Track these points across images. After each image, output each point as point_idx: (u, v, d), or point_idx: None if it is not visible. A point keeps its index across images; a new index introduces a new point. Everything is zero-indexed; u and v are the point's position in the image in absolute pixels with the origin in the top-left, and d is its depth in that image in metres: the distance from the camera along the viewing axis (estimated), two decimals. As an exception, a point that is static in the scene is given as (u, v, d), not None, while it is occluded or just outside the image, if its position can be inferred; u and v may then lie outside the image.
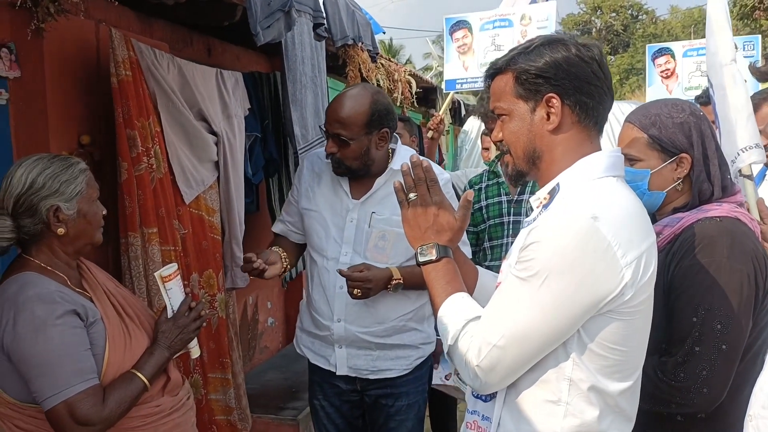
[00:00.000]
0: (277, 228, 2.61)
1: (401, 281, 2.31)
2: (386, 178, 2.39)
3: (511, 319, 1.30)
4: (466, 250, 2.53)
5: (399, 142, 2.51)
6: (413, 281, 2.32)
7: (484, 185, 3.61)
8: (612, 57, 34.44)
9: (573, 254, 1.26)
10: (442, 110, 5.25)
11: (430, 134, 4.64)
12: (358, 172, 2.36)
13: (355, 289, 2.26)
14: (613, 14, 38.48)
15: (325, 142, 2.35)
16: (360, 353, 2.41)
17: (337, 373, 2.44)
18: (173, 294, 1.95)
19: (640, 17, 39.51)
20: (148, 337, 1.90)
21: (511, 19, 5.03)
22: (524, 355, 1.31)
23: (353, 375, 2.44)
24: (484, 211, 3.55)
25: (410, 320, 2.43)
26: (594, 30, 39.11)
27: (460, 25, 5.24)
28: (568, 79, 1.37)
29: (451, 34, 5.29)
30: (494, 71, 1.47)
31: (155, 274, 1.97)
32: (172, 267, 1.97)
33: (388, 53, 24.70)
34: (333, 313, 2.39)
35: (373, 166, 2.38)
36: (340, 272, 2.28)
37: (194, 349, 2.01)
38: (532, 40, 1.45)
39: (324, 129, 2.35)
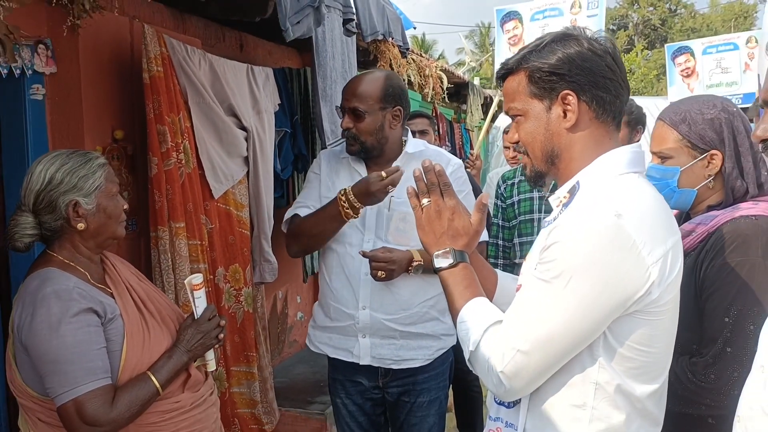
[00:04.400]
0: (302, 212, 2.52)
1: (422, 263, 2.34)
2: (402, 162, 2.43)
3: (535, 322, 1.28)
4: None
5: (410, 135, 2.54)
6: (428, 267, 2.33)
7: (516, 180, 3.61)
8: (649, 52, 33.83)
9: (597, 253, 1.24)
10: (478, 144, 5.21)
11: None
12: (371, 151, 2.40)
13: (379, 271, 2.29)
14: (651, 8, 37.76)
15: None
16: (384, 342, 2.43)
17: (361, 363, 2.45)
18: (200, 303, 1.97)
19: (678, 11, 38.72)
20: (170, 335, 1.91)
21: (560, 7, 5.00)
22: (549, 359, 1.29)
23: (376, 365, 2.45)
24: (516, 206, 3.54)
25: (432, 308, 2.44)
26: (631, 24, 38.46)
27: (511, 16, 5.23)
28: (583, 75, 1.34)
29: (502, 25, 5.27)
30: (506, 72, 1.44)
31: (185, 281, 1.99)
32: (200, 277, 1.99)
33: (421, 48, 24.63)
34: (358, 301, 2.41)
35: (387, 148, 2.43)
36: (363, 254, 2.32)
37: (211, 362, 2.02)
38: (542, 37, 1.42)
39: (341, 106, 2.41)
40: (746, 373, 1.60)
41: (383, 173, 2.24)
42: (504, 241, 3.65)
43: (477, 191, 3.18)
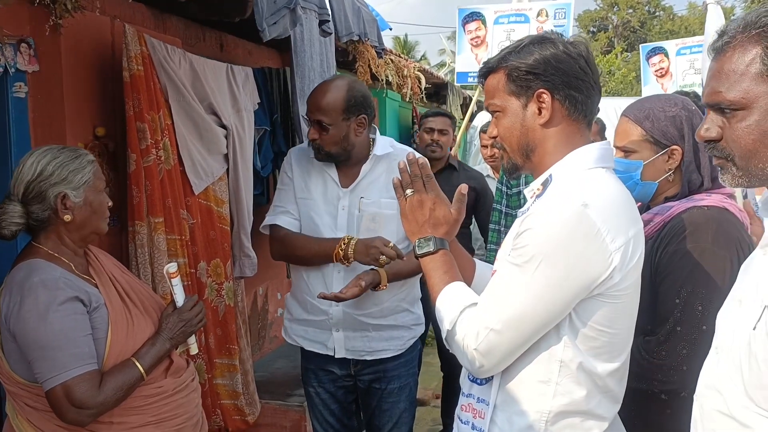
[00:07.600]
0: (283, 221, 2.55)
1: (386, 288, 2.43)
2: (371, 165, 2.51)
3: (508, 303, 1.36)
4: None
5: (378, 134, 2.60)
6: (395, 279, 2.46)
7: None
8: (629, 54, 34.18)
9: (565, 239, 1.33)
10: (456, 143, 5.29)
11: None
12: (338, 158, 2.48)
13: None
14: (630, 10, 38.16)
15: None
16: (357, 335, 2.51)
17: (336, 356, 2.53)
18: (178, 290, 2.05)
19: (657, 14, 39.17)
20: (153, 323, 1.98)
21: (527, 14, 4.99)
22: (520, 337, 1.37)
23: (350, 357, 2.53)
24: (521, 197, 3.63)
25: (403, 300, 2.54)
26: (611, 26, 38.84)
27: (474, 16, 5.19)
28: (557, 75, 1.44)
29: (463, 25, 5.23)
30: (487, 70, 1.55)
31: (164, 269, 2.07)
32: (174, 265, 2.07)
33: (403, 49, 24.67)
34: None
35: (355, 152, 2.49)
36: (323, 296, 2.41)
37: (193, 346, 2.10)
38: (521, 39, 1.53)
39: (306, 117, 2.48)
40: (694, 350, 1.72)
41: (391, 244, 2.32)
42: (506, 228, 3.71)
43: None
